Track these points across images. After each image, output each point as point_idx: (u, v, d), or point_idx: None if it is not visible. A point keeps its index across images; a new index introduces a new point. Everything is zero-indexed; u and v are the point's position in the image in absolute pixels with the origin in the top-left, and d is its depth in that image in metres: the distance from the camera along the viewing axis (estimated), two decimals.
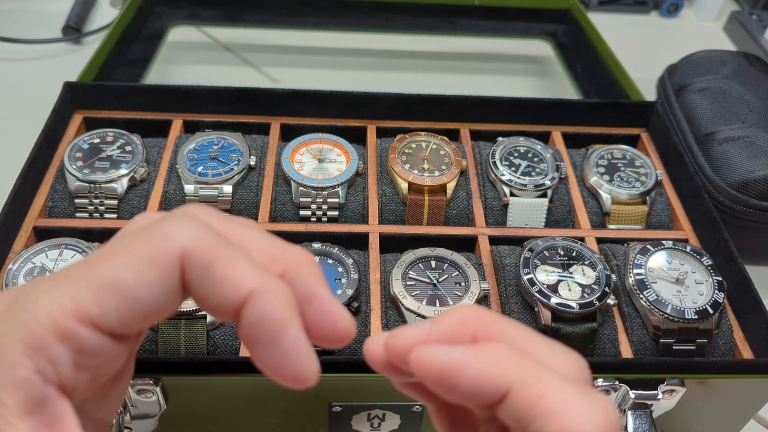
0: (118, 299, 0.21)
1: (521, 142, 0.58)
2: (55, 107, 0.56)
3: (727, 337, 0.47)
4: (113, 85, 0.61)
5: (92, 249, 0.46)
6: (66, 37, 0.84)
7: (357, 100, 0.60)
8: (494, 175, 0.55)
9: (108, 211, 0.52)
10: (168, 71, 0.80)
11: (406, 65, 0.87)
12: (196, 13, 0.80)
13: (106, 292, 0.21)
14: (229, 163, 0.54)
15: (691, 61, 0.71)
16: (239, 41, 0.87)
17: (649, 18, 1.02)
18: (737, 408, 0.45)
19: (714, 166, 0.60)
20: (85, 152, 0.54)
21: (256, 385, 0.40)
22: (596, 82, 0.72)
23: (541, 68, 0.88)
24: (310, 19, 0.80)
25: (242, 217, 0.26)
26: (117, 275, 0.21)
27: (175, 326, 0.43)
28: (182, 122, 0.59)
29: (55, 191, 0.52)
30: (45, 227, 0.50)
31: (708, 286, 0.47)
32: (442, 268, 0.48)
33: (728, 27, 0.99)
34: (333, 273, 0.47)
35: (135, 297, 0.21)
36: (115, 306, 0.21)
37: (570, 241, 0.49)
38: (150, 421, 0.41)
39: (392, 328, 0.45)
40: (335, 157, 0.56)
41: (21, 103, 0.74)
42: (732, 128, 0.61)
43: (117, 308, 0.21)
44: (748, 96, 0.64)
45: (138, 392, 0.39)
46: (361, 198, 0.54)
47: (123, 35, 0.71)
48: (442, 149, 0.57)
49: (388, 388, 0.41)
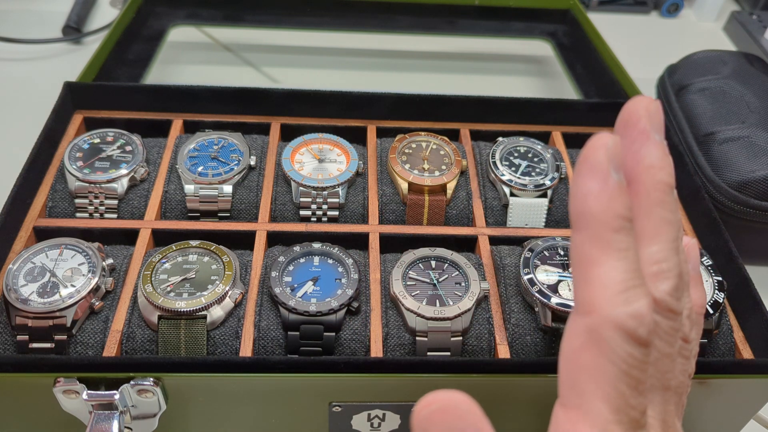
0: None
1: (521, 142, 0.58)
2: (55, 107, 0.56)
3: (727, 337, 0.47)
4: (113, 85, 0.61)
5: (92, 249, 0.46)
6: (66, 37, 0.84)
7: (357, 100, 0.60)
8: (494, 175, 0.55)
9: (108, 211, 0.52)
10: (168, 71, 0.80)
11: (406, 65, 0.87)
12: (196, 13, 0.80)
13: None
14: (229, 163, 0.54)
15: (691, 61, 0.71)
16: (239, 41, 0.87)
17: (649, 18, 1.02)
18: (737, 408, 0.45)
19: (714, 166, 0.60)
20: (85, 152, 0.54)
21: (256, 385, 0.40)
22: (596, 82, 0.72)
23: (541, 68, 0.88)
24: (310, 19, 0.80)
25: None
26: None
27: (175, 326, 0.43)
28: (182, 122, 0.59)
29: (55, 191, 0.52)
30: (45, 227, 0.50)
31: (708, 286, 0.47)
32: (442, 268, 0.48)
33: (728, 27, 0.99)
34: (333, 273, 0.47)
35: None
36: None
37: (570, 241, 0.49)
38: (150, 421, 0.41)
39: (392, 329, 0.45)
40: (335, 157, 0.56)
41: (21, 103, 0.74)
42: (732, 128, 0.61)
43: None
44: (748, 96, 0.64)
45: (138, 392, 0.39)
46: (361, 198, 0.54)
47: (123, 35, 0.71)
48: (442, 149, 0.57)
49: (388, 388, 0.41)
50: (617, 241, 0.25)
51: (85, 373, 0.39)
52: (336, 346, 0.44)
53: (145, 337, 0.44)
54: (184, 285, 0.45)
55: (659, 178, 0.27)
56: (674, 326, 0.27)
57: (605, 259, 0.25)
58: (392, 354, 0.44)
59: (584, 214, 0.25)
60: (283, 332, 0.44)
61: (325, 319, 0.44)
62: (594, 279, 0.25)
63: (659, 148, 0.27)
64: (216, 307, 0.44)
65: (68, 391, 0.38)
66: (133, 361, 0.41)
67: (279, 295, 0.44)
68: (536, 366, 0.41)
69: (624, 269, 0.25)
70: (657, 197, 0.27)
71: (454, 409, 0.24)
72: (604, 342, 0.24)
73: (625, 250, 0.25)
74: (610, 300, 0.24)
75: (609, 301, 0.24)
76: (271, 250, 0.49)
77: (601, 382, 0.24)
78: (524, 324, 0.46)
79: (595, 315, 0.24)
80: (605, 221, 0.25)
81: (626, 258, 0.25)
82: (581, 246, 0.25)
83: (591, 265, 0.25)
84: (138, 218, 0.52)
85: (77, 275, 0.45)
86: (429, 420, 0.24)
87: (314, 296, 0.45)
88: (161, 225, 0.51)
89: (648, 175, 0.27)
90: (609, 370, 0.24)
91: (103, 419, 0.39)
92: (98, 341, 0.44)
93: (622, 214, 0.25)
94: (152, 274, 0.45)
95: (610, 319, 0.24)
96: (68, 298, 0.43)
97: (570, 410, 0.25)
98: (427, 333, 0.44)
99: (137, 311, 0.45)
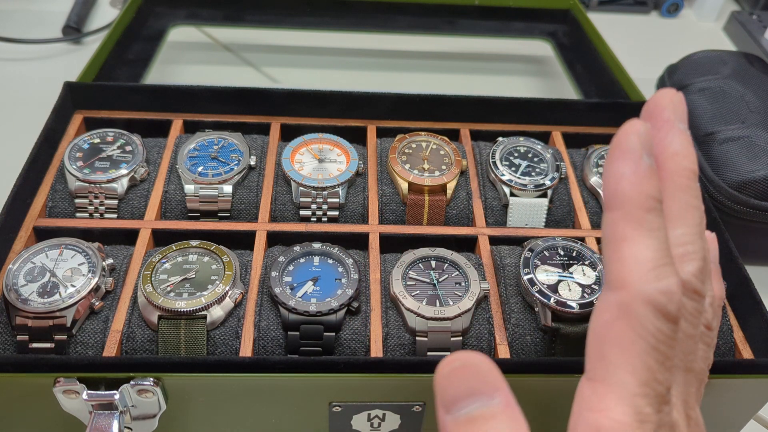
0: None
1: (521, 142, 0.58)
2: (55, 107, 0.56)
3: (727, 337, 0.47)
4: (113, 85, 0.61)
5: (92, 249, 0.46)
6: (66, 37, 0.84)
7: (357, 100, 0.60)
8: (494, 175, 0.55)
9: (108, 211, 0.52)
10: (168, 71, 0.80)
11: (406, 65, 0.87)
12: (196, 13, 0.80)
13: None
14: (229, 163, 0.54)
15: (691, 61, 0.71)
16: (239, 41, 0.87)
17: (649, 18, 1.02)
18: (737, 408, 0.45)
19: (714, 166, 0.60)
20: (85, 152, 0.54)
21: (256, 385, 0.40)
22: (596, 82, 0.72)
23: (541, 68, 0.88)
24: (310, 19, 0.80)
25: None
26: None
27: (175, 326, 0.43)
28: (182, 122, 0.59)
29: (55, 191, 0.52)
30: (45, 227, 0.50)
31: None
32: (442, 268, 0.48)
33: (728, 27, 0.99)
34: (333, 273, 0.47)
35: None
36: None
37: (570, 241, 0.49)
38: (150, 421, 0.41)
39: (392, 329, 0.45)
40: (335, 157, 0.56)
41: (21, 103, 0.74)
42: (732, 128, 0.61)
43: None
44: (748, 96, 0.64)
45: (138, 392, 0.39)
46: (361, 198, 0.54)
47: (123, 35, 0.71)
48: (442, 149, 0.57)
49: (388, 388, 0.41)
50: (649, 221, 0.26)
51: (85, 373, 0.39)
52: (336, 346, 0.44)
53: (145, 337, 0.44)
54: (184, 285, 0.45)
55: (685, 165, 0.28)
56: (698, 308, 0.27)
57: (638, 238, 0.26)
58: (392, 354, 0.44)
59: (618, 194, 0.26)
60: (283, 332, 0.44)
61: (325, 319, 0.44)
62: (626, 256, 0.25)
63: (683, 137, 0.29)
64: (216, 307, 0.44)
65: (68, 391, 0.38)
66: (133, 361, 0.41)
67: (279, 295, 0.44)
68: (536, 366, 0.41)
69: (655, 248, 0.25)
70: (682, 183, 0.28)
71: (475, 367, 0.25)
72: (634, 316, 0.25)
73: (657, 229, 0.26)
74: (642, 276, 0.25)
75: (641, 277, 0.25)
76: (271, 250, 0.50)
77: (629, 356, 0.25)
78: (524, 324, 0.46)
79: (627, 290, 0.25)
80: (638, 201, 0.26)
81: (657, 237, 0.26)
82: (614, 225, 0.26)
83: (623, 242, 0.26)
84: (138, 218, 0.52)
85: (77, 275, 0.45)
86: (450, 377, 0.25)
87: (314, 296, 0.45)
88: (161, 225, 0.51)
89: (673, 162, 0.28)
90: (638, 343, 0.25)
91: (103, 419, 0.39)
92: (98, 341, 0.44)
93: (654, 195, 0.26)
94: (152, 274, 0.45)
95: (642, 294, 0.25)
96: (68, 298, 0.43)
97: (597, 383, 0.25)
98: (427, 333, 0.44)
99: (137, 311, 0.45)
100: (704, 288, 0.28)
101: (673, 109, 0.29)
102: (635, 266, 0.25)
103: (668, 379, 0.25)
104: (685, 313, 0.27)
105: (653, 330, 0.25)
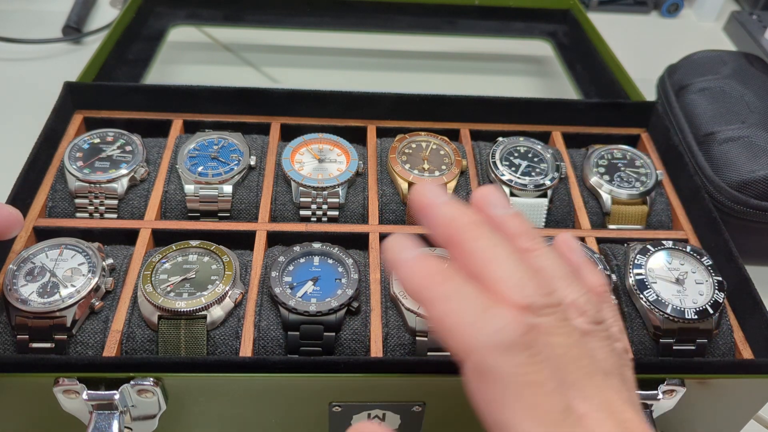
0: None
1: (521, 142, 0.58)
2: (55, 107, 0.56)
3: (727, 337, 0.47)
4: (113, 85, 0.61)
5: (92, 249, 0.46)
6: (66, 37, 0.84)
7: (357, 100, 0.60)
8: (494, 175, 0.55)
9: (108, 211, 0.52)
10: (168, 71, 0.80)
11: (406, 65, 0.87)
12: (196, 13, 0.80)
13: None
14: (229, 163, 0.54)
15: (691, 61, 0.71)
16: (239, 41, 0.87)
17: (649, 18, 1.02)
18: (737, 408, 0.45)
19: (714, 166, 0.60)
20: (85, 152, 0.54)
21: (256, 385, 0.40)
22: (596, 82, 0.72)
23: (541, 68, 0.88)
24: (310, 19, 0.80)
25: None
26: None
27: (175, 326, 0.43)
28: (182, 122, 0.59)
29: (55, 191, 0.52)
30: (45, 227, 0.50)
31: (708, 286, 0.47)
32: None
33: (728, 27, 0.99)
34: (333, 273, 0.47)
35: None
36: None
37: None
38: (150, 421, 0.41)
39: (392, 329, 0.45)
40: (335, 157, 0.56)
41: (21, 103, 0.74)
42: (732, 128, 0.61)
43: None
44: (748, 96, 0.64)
45: (138, 392, 0.39)
46: (361, 198, 0.54)
47: (123, 35, 0.71)
48: (442, 149, 0.57)
49: (388, 388, 0.41)
50: (446, 291, 0.27)
51: (85, 373, 0.39)
52: (336, 346, 0.44)
53: (145, 337, 0.44)
54: (184, 285, 0.45)
55: (462, 223, 0.29)
56: (560, 318, 0.27)
57: (449, 303, 0.26)
58: (392, 354, 0.44)
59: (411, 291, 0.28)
60: (283, 332, 0.44)
61: (325, 319, 0.44)
62: (452, 327, 0.26)
63: (448, 206, 0.30)
64: (216, 307, 0.44)
65: (68, 391, 0.39)
66: (133, 361, 0.41)
67: (279, 295, 0.44)
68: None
69: (472, 298, 0.26)
70: (464, 235, 0.29)
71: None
72: (492, 370, 0.25)
73: (458, 291, 0.27)
74: (472, 332, 0.25)
75: (471, 334, 0.25)
76: (271, 250, 0.50)
77: (512, 400, 0.25)
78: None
79: (471, 353, 0.25)
80: (425, 289, 0.28)
81: (465, 290, 0.26)
82: (427, 314, 0.28)
83: (445, 318, 0.27)
84: (138, 218, 0.52)
85: (77, 275, 0.45)
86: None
87: (314, 296, 0.45)
88: (161, 225, 0.51)
89: (452, 228, 0.30)
90: (513, 391, 0.25)
91: (103, 419, 0.39)
92: (98, 341, 0.44)
93: (438, 270, 0.28)
94: (152, 274, 0.45)
95: (481, 347, 0.25)
96: (68, 298, 0.43)
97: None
98: (427, 333, 0.44)
99: (137, 311, 0.45)
100: (552, 299, 0.27)
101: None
102: (462, 329, 0.26)
103: (563, 403, 0.25)
104: (544, 330, 0.26)
105: (514, 369, 0.25)
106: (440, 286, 0.27)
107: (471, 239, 0.28)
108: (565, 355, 0.26)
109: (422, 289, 0.27)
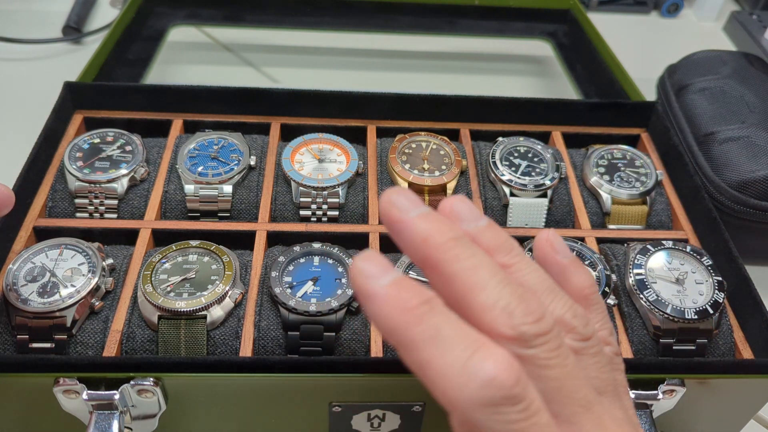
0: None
1: (521, 142, 0.58)
2: (55, 107, 0.56)
3: (727, 337, 0.47)
4: (113, 85, 0.61)
5: (92, 249, 0.46)
6: (66, 37, 0.84)
7: (357, 100, 0.60)
8: (494, 175, 0.55)
9: (108, 211, 0.52)
10: (168, 71, 0.80)
11: (406, 65, 0.87)
12: (196, 13, 0.80)
13: None
14: (229, 163, 0.54)
15: (691, 61, 0.71)
16: (239, 41, 0.87)
17: (649, 18, 1.02)
18: (737, 408, 0.45)
19: (714, 166, 0.60)
20: (85, 152, 0.54)
21: (256, 385, 0.40)
22: (596, 82, 0.72)
23: (541, 68, 0.88)
24: (310, 19, 0.80)
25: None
26: None
27: (175, 326, 0.43)
28: (182, 122, 0.59)
29: (55, 191, 0.52)
30: (45, 227, 0.50)
31: (708, 286, 0.47)
32: None
33: (728, 27, 0.99)
34: (333, 273, 0.47)
35: None
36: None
37: (570, 241, 0.49)
38: (150, 421, 0.41)
39: None
40: (335, 157, 0.56)
41: (21, 103, 0.74)
42: (732, 128, 0.61)
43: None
44: (748, 96, 0.64)
45: (138, 392, 0.39)
46: (361, 198, 0.54)
47: (123, 35, 0.71)
48: (442, 149, 0.57)
49: (388, 388, 0.41)
50: (424, 333, 0.23)
51: (85, 373, 0.39)
52: (336, 346, 0.44)
53: (145, 337, 0.44)
54: (184, 285, 0.45)
55: (437, 243, 0.26)
56: (553, 345, 0.25)
57: (432, 349, 0.23)
58: (392, 354, 0.44)
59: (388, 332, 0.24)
60: (283, 332, 0.44)
61: (325, 319, 0.44)
62: (434, 379, 0.23)
63: (421, 221, 0.27)
64: (216, 307, 0.44)
65: (68, 391, 0.39)
66: (133, 361, 0.41)
67: (279, 295, 0.44)
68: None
69: (454, 344, 0.23)
70: (440, 257, 0.26)
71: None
72: (482, 426, 0.22)
73: (439, 333, 0.23)
74: (457, 386, 0.22)
75: (455, 389, 0.22)
76: (271, 250, 0.50)
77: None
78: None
79: (457, 408, 0.23)
80: (400, 329, 0.24)
81: (445, 338, 0.23)
82: (404, 360, 0.24)
83: (426, 366, 0.23)
84: (138, 218, 0.52)
85: (77, 275, 0.45)
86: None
87: (314, 296, 0.45)
88: (161, 225, 0.51)
89: (427, 248, 0.26)
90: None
91: (103, 419, 0.39)
92: (98, 341, 0.44)
93: (415, 303, 0.24)
94: (152, 274, 0.45)
95: (468, 404, 0.22)
96: (68, 298, 0.43)
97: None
98: None
99: (137, 311, 0.45)
100: (541, 327, 0.24)
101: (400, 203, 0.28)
102: (445, 381, 0.23)
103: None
104: (537, 363, 0.24)
105: (508, 426, 0.22)
106: (416, 327, 0.23)
107: (449, 261, 0.25)
108: (560, 389, 0.24)
109: (396, 330, 0.24)
